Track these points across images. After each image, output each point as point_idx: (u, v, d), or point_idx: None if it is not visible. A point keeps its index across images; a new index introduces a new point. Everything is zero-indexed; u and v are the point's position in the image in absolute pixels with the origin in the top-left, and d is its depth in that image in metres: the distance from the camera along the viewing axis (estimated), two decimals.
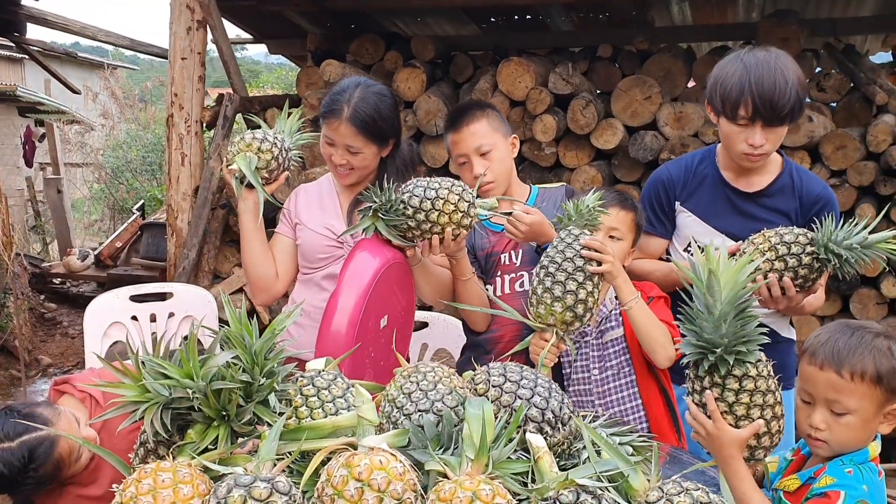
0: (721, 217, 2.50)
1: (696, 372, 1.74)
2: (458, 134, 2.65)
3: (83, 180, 13.07)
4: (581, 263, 2.14)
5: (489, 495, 1.31)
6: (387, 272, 2.37)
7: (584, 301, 2.13)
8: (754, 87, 2.25)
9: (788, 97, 2.24)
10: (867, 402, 1.71)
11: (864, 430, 1.73)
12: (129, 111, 13.26)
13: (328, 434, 1.47)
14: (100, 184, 12.16)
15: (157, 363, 1.49)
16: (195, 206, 5.18)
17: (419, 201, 2.26)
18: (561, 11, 5.95)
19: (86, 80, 15.69)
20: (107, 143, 12.53)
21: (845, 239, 1.95)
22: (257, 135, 2.47)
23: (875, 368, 1.69)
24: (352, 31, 6.21)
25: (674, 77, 5.25)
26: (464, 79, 5.69)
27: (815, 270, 2.05)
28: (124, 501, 1.36)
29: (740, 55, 2.34)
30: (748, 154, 2.36)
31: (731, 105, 2.30)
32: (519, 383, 1.63)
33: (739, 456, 1.70)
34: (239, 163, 2.42)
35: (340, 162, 2.58)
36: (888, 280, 4.72)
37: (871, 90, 4.99)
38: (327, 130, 2.58)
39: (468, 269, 2.52)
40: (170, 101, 5.16)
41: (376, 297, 2.33)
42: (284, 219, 2.79)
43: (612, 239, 2.42)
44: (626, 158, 5.10)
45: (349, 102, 2.53)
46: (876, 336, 1.73)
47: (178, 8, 5.02)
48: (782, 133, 2.35)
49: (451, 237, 2.29)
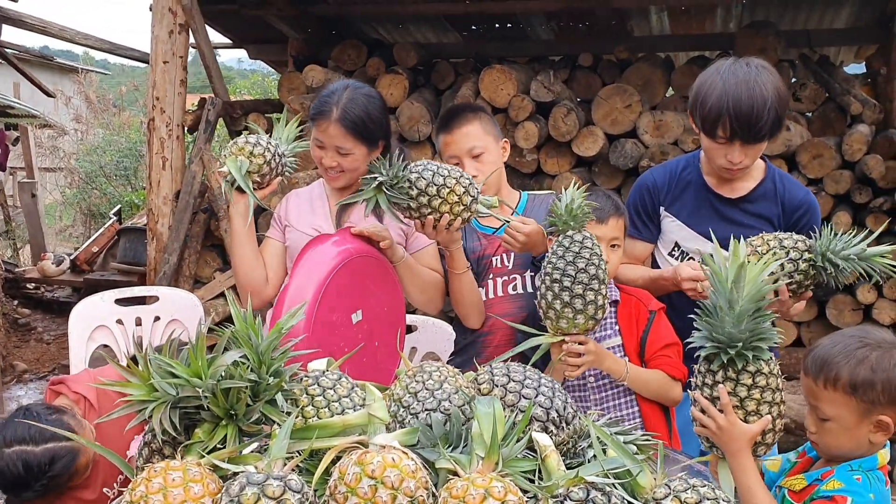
0: (705, 222, 2.53)
1: (708, 366, 1.77)
2: (450, 135, 2.67)
3: (55, 185, 12.90)
4: (593, 272, 2.14)
5: (501, 492, 1.32)
6: (352, 264, 2.38)
7: (602, 306, 2.17)
8: (732, 110, 2.26)
9: (766, 118, 2.25)
10: (845, 411, 1.74)
11: (850, 438, 1.76)
12: (103, 116, 13.10)
13: (338, 432, 1.47)
14: (72, 189, 12.00)
15: (165, 362, 1.49)
16: (176, 211, 5.14)
17: (425, 184, 2.26)
18: (542, 20, 6.00)
19: (56, 84, 15.49)
20: (80, 147, 12.37)
21: (843, 249, 1.99)
22: (251, 139, 2.47)
23: (849, 378, 1.72)
24: (333, 37, 6.22)
25: (653, 86, 5.32)
26: (445, 86, 5.71)
27: (810, 277, 2.09)
28: (134, 500, 1.35)
29: (720, 70, 2.33)
30: (728, 169, 2.41)
31: (710, 125, 2.33)
32: (523, 383, 1.64)
33: (748, 450, 1.74)
34: (229, 166, 2.42)
35: (331, 164, 2.58)
36: (863, 287, 4.80)
37: (846, 100, 5.09)
38: (317, 133, 2.58)
39: (463, 262, 2.54)
40: (151, 104, 5.13)
41: (339, 289, 2.32)
42: (274, 222, 2.79)
43: (613, 248, 2.43)
44: (607, 166, 5.15)
45: (338, 104, 2.53)
46: (864, 346, 1.75)
47: (160, 11, 4.99)
48: (762, 148, 2.39)
49: (445, 224, 2.31)
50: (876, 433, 1.74)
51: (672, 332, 2.44)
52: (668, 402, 2.45)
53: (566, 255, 2.16)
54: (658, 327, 2.43)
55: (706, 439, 1.84)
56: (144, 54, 5.85)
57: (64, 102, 13.23)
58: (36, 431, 2.08)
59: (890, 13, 5.26)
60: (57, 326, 7.01)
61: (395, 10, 5.74)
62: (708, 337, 1.72)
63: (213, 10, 5.71)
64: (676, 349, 2.40)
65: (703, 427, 1.80)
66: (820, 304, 4.92)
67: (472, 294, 2.61)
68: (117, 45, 6.54)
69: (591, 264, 2.14)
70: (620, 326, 2.44)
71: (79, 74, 14.03)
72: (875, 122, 5.04)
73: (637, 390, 2.39)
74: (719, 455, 1.82)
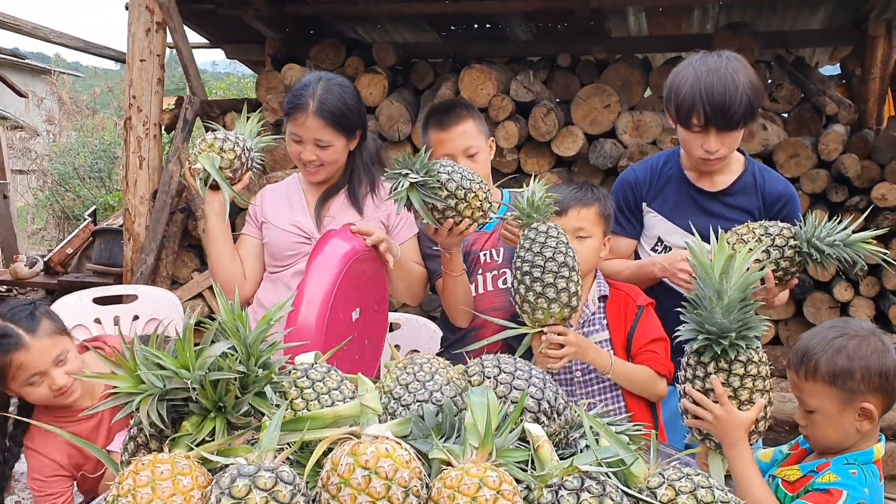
0: (686, 216, 2.54)
1: (698, 359, 1.77)
2: (446, 133, 2.63)
3: (27, 187, 12.72)
4: (561, 259, 2.15)
5: (496, 482, 1.31)
6: (358, 262, 2.36)
7: (575, 293, 2.15)
8: (705, 97, 2.29)
9: (739, 104, 2.28)
10: (827, 401, 1.76)
11: (836, 428, 1.77)
12: (77, 117, 12.95)
13: (330, 424, 1.45)
14: (45, 191, 11.84)
15: (153, 353, 1.46)
16: (153, 211, 5.09)
17: (455, 186, 2.22)
18: (520, 21, 6.01)
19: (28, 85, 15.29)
20: (52, 149, 12.22)
21: (828, 235, 2.01)
22: (219, 135, 2.45)
23: (827, 368, 1.74)
24: (311, 37, 6.19)
25: (631, 86, 5.35)
26: (424, 85, 5.71)
27: (796, 264, 2.10)
28: (121, 494, 1.32)
29: (693, 62, 2.38)
30: (705, 159, 2.42)
31: (684, 114, 2.36)
32: (514, 374, 1.63)
33: (746, 438, 1.75)
34: (202, 161, 2.39)
35: (310, 158, 2.56)
36: (840, 285, 4.85)
37: (822, 101, 5.15)
38: (294, 127, 2.55)
39: (461, 265, 2.52)
40: (128, 103, 5.07)
41: (347, 287, 2.31)
42: (250, 219, 2.76)
43: (580, 239, 2.41)
44: (586, 165, 5.17)
45: (314, 96, 2.52)
46: (842, 336, 1.77)
47: (136, 9, 4.94)
48: (738, 137, 2.41)
49: (463, 229, 2.28)
50: (861, 421, 1.76)
51: (660, 327, 2.44)
52: (653, 398, 2.45)
53: (532, 246, 2.16)
54: (646, 322, 2.43)
55: (698, 431, 1.84)
56: (120, 53, 5.79)
57: (36, 104, 13.06)
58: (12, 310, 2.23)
59: (864, 15, 5.33)
60: None
61: (373, 9, 5.72)
62: (698, 329, 1.72)
63: (190, 9, 5.66)
64: (664, 345, 2.41)
65: (697, 419, 1.80)
66: (797, 303, 4.96)
67: (466, 295, 2.60)
68: (92, 44, 6.45)
69: (559, 252, 2.14)
70: (608, 321, 2.44)
71: (51, 76, 13.85)
72: (850, 123, 5.10)
73: (622, 384, 2.39)
74: (710, 446, 1.82)
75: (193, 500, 1.34)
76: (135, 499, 1.31)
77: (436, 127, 2.66)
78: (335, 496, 1.28)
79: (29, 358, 2.21)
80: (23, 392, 2.28)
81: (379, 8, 5.70)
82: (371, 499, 1.27)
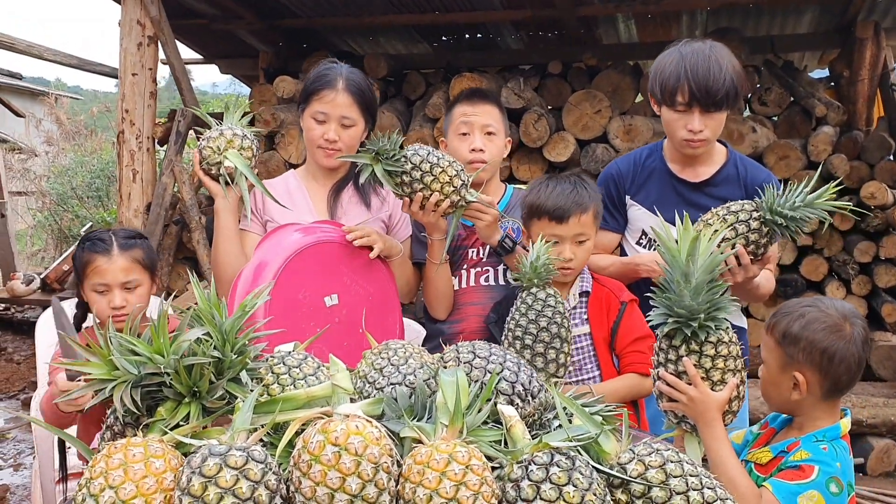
0: (670, 208, 2.54)
1: (669, 342, 1.79)
2: (471, 107, 2.68)
3: (26, 208, 12.76)
4: (555, 331, 2.12)
5: (465, 457, 1.32)
6: (319, 248, 2.39)
7: (563, 365, 2.14)
8: (690, 74, 2.34)
9: (722, 82, 2.33)
10: (771, 358, 1.84)
11: (774, 388, 1.84)
12: (75, 138, 13.03)
13: (303, 405, 1.47)
14: (43, 212, 11.88)
15: (127, 340, 1.47)
16: (147, 223, 5.11)
17: (420, 160, 2.32)
18: (511, 30, 6.05)
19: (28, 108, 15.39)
20: (51, 169, 12.28)
21: (787, 200, 2.03)
22: (226, 132, 2.43)
23: (783, 328, 1.81)
24: (303, 50, 6.23)
25: (622, 92, 5.37)
26: (416, 96, 5.75)
27: (765, 235, 2.12)
28: (94, 477, 1.33)
29: (678, 46, 2.44)
30: (689, 140, 2.45)
31: (669, 92, 2.40)
32: (488, 359, 1.64)
33: (720, 418, 1.76)
34: (233, 159, 2.38)
35: (334, 137, 2.56)
36: (832, 284, 4.86)
37: (811, 103, 5.17)
38: (320, 105, 2.56)
39: (442, 253, 2.55)
40: (120, 117, 5.10)
41: (304, 270, 2.34)
42: (254, 217, 2.76)
43: (580, 244, 2.41)
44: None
45: (341, 74, 2.57)
46: (813, 307, 1.82)
47: (128, 24, 4.98)
48: (720, 119, 2.43)
49: (433, 203, 2.34)
50: (793, 390, 1.79)
51: (644, 324, 2.43)
52: (640, 398, 2.45)
53: (528, 312, 2.13)
54: (630, 319, 2.43)
55: (673, 415, 1.85)
56: (114, 69, 5.82)
57: (35, 125, 13.13)
58: (123, 229, 2.48)
59: (851, 18, 5.36)
60: (27, 346, 6.91)
61: (365, 21, 5.76)
62: (668, 313, 1.73)
63: (183, 24, 5.72)
64: (649, 342, 2.40)
65: (671, 402, 1.81)
66: None
67: (446, 285, 2.62)
68: (86, 61, 6.50)
69: (553, 323, 2.11)
70: (590, 316, 2.45)
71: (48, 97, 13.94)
72: (839, 124, 5.12)
73: (609, 401, 2.37)
74: (686, 429, 1.83)
75: (166, 481, 1.35)
76: (107, 480, 1.32)
77: (464, 101, 2.72)
78: (306, 473, 1.30)
79: (105, 266, 2.33)
80: (89, 297, 2.38)
81: (370, 19, 5.74)
82: (341, 475, 1.28)
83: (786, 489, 1.67)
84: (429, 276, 2.61)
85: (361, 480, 1.28)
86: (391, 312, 2.55)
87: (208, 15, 5.83)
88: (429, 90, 5.68)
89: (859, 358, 1.77)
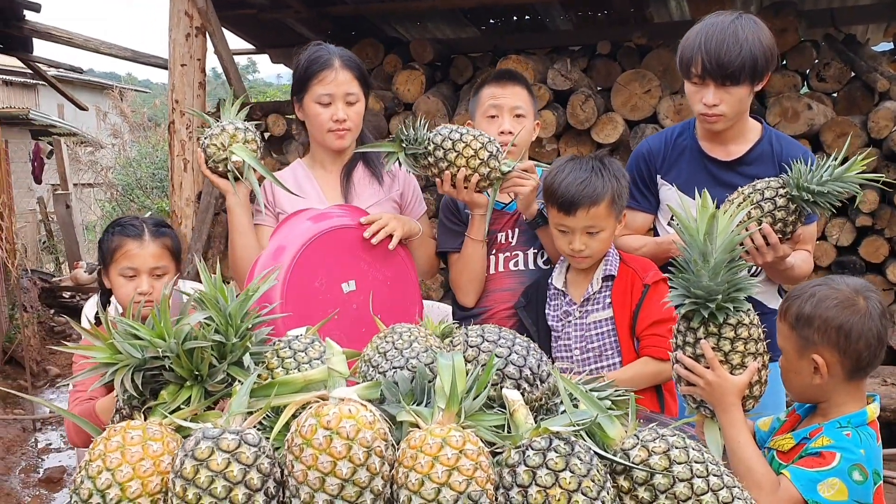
0: (701, 187, 2.45)
1: (688, 324, 1.72)
2: (500, 88, 2.64)
3: (95, 200, 13.16)
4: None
5: (459, 441, 1.29)
6: (335, 234, 2.38)
7: None
8: (703, 46, 2.27)
9: (737, 55, 2.23)
10: (788, 345, 1.74)
11: (796, 375, 1.74)
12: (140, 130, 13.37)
13: (300, 388, 1.45)
14: (111, 203, 12.24)
15: (129, 324, 1.48)
16: (198, 212, 5.20)
17: (441, 139, 2.33)
18: (559, 11, 5.95)
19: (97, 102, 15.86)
20: (117, 161, 12.63)
21: (814, 175, 1.94)
22: (228, 127, 2.41)
23: (795, 312, 1.72)
24: (352, 38, 6.24)
25: (673, 71, 5.22)
26: (463, 80, 5.71)
27: (793, 213, 2.03)
28: (93, 459, 1.35)
29: (706, 19, 2.35)
30: (705, 115, 2.36)
31: (685, 64, 2.33)
32: (496, 342, 1.60)
33: (739, 403, 1.70)
34: (242, 154, 2.37)
35: (343, 116, 2.55)
36: (893, 266, 4.66)
37: (872, 78, 4.96)
38: (322, 87, 2.54)
39: (483, 230, 2.52)
40: (171, 107, 5.19)
41: (319, 258, 2.33)
42: (266, 209, 2.76)
43: (591, 235, 2.32)
44: (628, 152, 5.07)
45: (334, 53, 2.56)
46: (823, 286, 1.73)
47: (176, 15, 5.05)
48: (739, 95, 2.32)
49: (462, 179, 2.33)
50: (814, 374, 1.70)
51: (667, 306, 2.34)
52: (661, 383, 2.37)
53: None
54: (651, 301, 2.33)
55: (692, 399, 1.79)
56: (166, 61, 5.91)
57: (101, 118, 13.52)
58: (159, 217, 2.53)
59: None
60: None
61: (412, 5, 5.74)
62: (685, 294, 1.66)
63: (232, 14, 5.77)
64: (669, 325, 2.31)
65: (690, 386, 1.75)
66: None
67: (482, 266, 2.58)
68: (140, 53, 6.62)
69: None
70: (613, 300, 2.37)
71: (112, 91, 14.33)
72: None
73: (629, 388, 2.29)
74: (706, 414, 1.77)
75: (163, 464, 1.36)
76: (104, 463, 1.34)
77: (493, 83, 2.68)
78: (298, 457, 1.28)
79: (137, 251, 2.34)
80: (114, 282, 2.37)
81: (417, 4, 5.72)
82: (332, 459, 1.26)
83: (805, 476, 1.59)
84: (466, 254, 2.57)
85: (352, 464, 1.27)
86: (410, 295, 2.54)
87: (256, 4, 5.87)
88: (476, 74, 5.63)
89: (878, 332, 1.67)
